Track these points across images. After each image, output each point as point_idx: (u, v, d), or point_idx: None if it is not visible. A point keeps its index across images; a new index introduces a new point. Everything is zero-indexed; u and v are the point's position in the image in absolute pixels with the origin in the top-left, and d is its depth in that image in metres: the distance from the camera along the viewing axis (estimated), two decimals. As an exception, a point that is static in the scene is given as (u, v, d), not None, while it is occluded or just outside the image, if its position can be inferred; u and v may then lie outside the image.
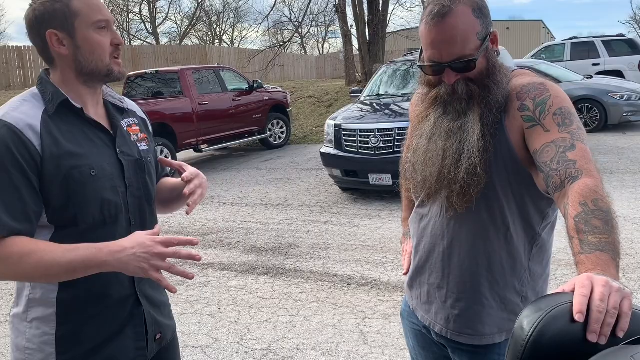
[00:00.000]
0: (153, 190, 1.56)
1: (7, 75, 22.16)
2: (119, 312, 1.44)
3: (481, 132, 1.32)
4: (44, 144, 1.30)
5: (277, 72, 26.83)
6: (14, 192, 1.26)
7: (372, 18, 16.45)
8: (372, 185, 6.60)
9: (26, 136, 1.28)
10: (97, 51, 1.36)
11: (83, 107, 1.40)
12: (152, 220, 1.54)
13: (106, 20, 1.37)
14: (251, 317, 3.87)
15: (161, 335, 1.56)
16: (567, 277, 4.07)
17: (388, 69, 8.48)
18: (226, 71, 11.51)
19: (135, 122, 1.57)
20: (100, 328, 1.40)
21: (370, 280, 4.38)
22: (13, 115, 1.30)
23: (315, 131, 13.29)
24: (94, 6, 1.35)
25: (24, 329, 1.38)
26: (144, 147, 1.55)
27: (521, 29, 37.99)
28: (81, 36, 1.35)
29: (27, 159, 1.27)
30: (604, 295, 0.83)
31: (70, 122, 1.37)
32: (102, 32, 1.36)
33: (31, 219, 1.29)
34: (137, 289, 1.48)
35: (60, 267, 1.23)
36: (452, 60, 1.32)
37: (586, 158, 1.18)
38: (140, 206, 1.49)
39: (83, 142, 1.38)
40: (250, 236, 5.81)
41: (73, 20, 1.33)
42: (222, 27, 46.78)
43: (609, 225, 1.03)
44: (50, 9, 1.32)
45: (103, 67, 1.38)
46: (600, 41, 14.23)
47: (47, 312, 1.35)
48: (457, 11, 1.30)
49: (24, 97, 1.37)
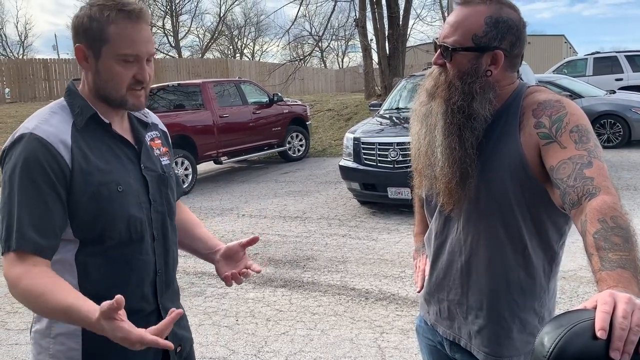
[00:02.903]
0: (174, 204, 1.57)
1: (33, 87, 22.65)
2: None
3: (445, 130, 1.37)
4: (74, 159, 1.30)
5: (297, 86, 26.99)
6: (43, 207, 1.26)
7: (392, 32, 16.48)
8: (391, 198, 6.58)
9: (57, 150, 1.28)
10: (114, 80, 1.34)
11: (111, 122, 1.41)
12: (173, 236, 1.54)
13: (135, 55, 1.33)
14: (268, 329, 3.87)
15: (181, 348, 1.56)
16: (589, 295, 4.00)
17: (408, 83, 8.47)
18: (247, 84, 11.62)
19: (157, 136, 1.58)
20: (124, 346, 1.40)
21: (389, 295, 4.35)
22: (43, 129, 1.30)
23: (334, 144, 13.31)
24: (128, 38, 1.31)
25: (47, 344, 1.37)
26: (166, 161, 1.55)
27: (543, 44, 37.75)
28: (103, 63, 1.33)
29: (57, 172, 1.27)
30: (627, 312, 0.81)
31: (97, 137, 1.38)
32: (126, 65, 1.33)
33: (57, 235, 1.29)
34: (160, 303, 1.48)
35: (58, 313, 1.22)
36: (442, 40, 1.38)
37: (603, 175, 1.17)
38: (163, 222, 1.49)
39: (110, 158, 1.38)
40: (268, 248, 5.82)
41: (101, 45, 1.32)
42: (244, 41, 47.33)
43: (629, 243, 1.02)
44: (87, 24, 1.32)
45: (117, 96, 1.36)
46: (624, 56, 14.07)
47: (72, 328, 1.34)
48: (475, 7, 1.35)
49: (52, 109, 1.37)
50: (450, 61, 1.37)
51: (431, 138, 1.43)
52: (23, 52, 43.61)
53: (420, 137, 1.48)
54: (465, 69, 1.36)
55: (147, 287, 1.44)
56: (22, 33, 46.29)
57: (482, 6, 1.35)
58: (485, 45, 1.34)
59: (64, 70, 23.08)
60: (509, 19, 1.35)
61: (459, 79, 1.37)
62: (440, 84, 1.40)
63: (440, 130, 1.39)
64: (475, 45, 1.34)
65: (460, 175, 1.36)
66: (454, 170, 1.36)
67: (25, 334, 3.98)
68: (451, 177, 1.36)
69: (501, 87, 1.39)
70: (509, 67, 1.39)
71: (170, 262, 1.52)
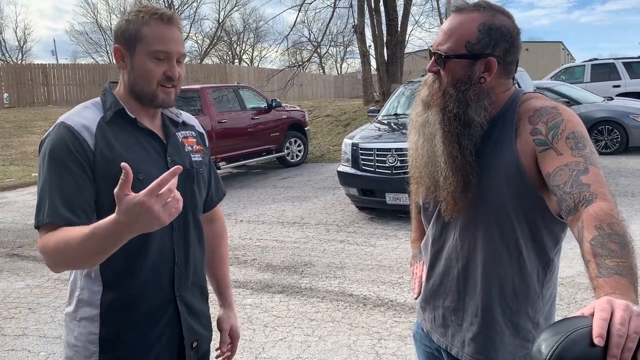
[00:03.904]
0: (200, 200, 1.63)
1: (31, 92, 22.65)
2: (159, 319, 1.50)
3: (445, 138, 1.38)
4: (97, 145, 1.41)
5: (295, 91, 27.02)
6: (73, 185, 1.36)
7: (391, 38, 16.54)
8: (389, 204, 6.58)
9: (82, 136, 1.40)
10: (146, 76, 1.46)
11: (137, 117, 1.50)
12: (196, 231, 1.60)
13: (166, 52, 1.45)
14: (266, 335, 3.86)
15: (198, 344, 1.61)
16: (587, 301, 4.00)
17: (406, 89, 8.50)
18: (245, 90, 11.64)
19: (192, 135, 1.67)
20: (140, 333, 1.47)
21: (387, 301, 4.34)
22: (73, 119, 1.44)
23: (332, 150, 13.32)
24: (160, 37, 1.44)
25: (73, 327, 1.48)
26: (197, 158, 1.63)
27: (541, 51, 37.89)
28: (137, 60, 1.45)
29: (82, 155, 1.39)
30: (625, 319, 0.81)
31: (124, 128, 1.48)
32: (158, 62, 1.45)
33: (87, 212, 1.37)
34: (177, 294, 1.53)
35: (89, 246, 1.22)
36: (435, 48, 1.39)
37: (600, 182, 1.17)
38: (185, 214, 1.53)
39: (134, 148, 1.47)
40: (266, 254, 5.81)
41: (136, 43, 1.45)
42: (242, 47, 47.40)
43: (625, 249, 1.02)
44: (125, 27, 1.46)
45: (149, 91, 1.47)
46: (621, 63, 14.13)
47: (93, 313, 1.45)
48: (469, 14, 1.36)
49: (86, 105, 1.51)
50: (444, 68, 1.38)
51: (430, 147, 1.43)
52: (22, 57, 43.67)
53: (418, 146, 1.48)
54: (458, 76, 1.37)
55: (163, 275, 1.50)
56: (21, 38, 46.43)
57: (475, 13, 1.36)
58: (478, 53, 1.35)
59: (63, 76, 23.08)
60: (502, 26, 1.35)
61: (453, 87, 1.37)
62: (435, 91, 1.41)
63: (440, 140, 1.39)
64: (469, 52, 1.35)
65: (464, 183, 1.36)
66: (458, 178, 1.36)
67: (22, 340, 3.96)
68: (456, 185, 1.36)
69: (496, 94, 1.39)
70: (503, 74, 1.39)
71: (192, 256, 1.57)
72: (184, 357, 1.57)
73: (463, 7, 1.38)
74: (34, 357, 3.73)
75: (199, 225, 1.63)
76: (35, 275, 5.50)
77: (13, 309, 4.61)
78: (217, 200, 1.80)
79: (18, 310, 4.58)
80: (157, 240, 1.46)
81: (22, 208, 9.10)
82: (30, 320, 4.34)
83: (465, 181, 1.36)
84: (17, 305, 4.69)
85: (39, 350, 3.82)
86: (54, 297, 4.82)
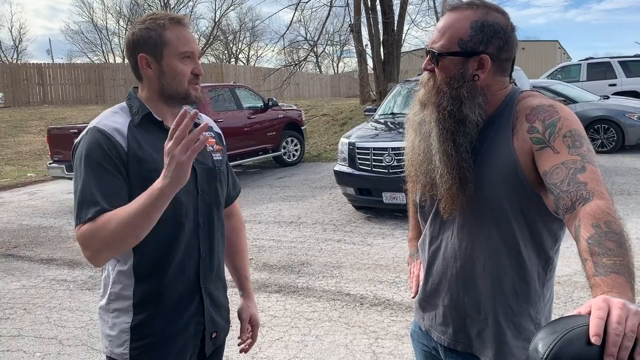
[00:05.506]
0: (222, 197, 1.72)
1: (27, 92, 22.57)
2: (186, 309, 1.59)
3: (440, 136, 1.38)
4: (129, 146, 1.49)
5: (292, 91, 27.02)
6: (108, 181, 1.43)
7: (387, 38, 16.54)
8: (386, 203, 6.58)
9: (115, 138, 1.48)
10: (178, 77, 1.54)
11: (163, 120, 1.58)
12: (219, 225, 1.69)
13: (191, 52, 1.55)
14: (262, 335, 3.85)
15: (216, 335, 1.71)
16: (583, 300, 4.00)
17: (402, 88, 8.50)
18: (242, 89, 11.61)
19: (211, 135, 1.75)
20: (168, 322, 1.56)
21: (383, 300, 4.34)
22: (104, 123, 1.51)
23: (329, 149, 13.32)
24: (183, 38, 1.53)
25: (107, 318, 1.57)
26: (218, 157, 1.72)
27: (537, 49, 37.93)
28: (167, 63, 1.53)
29: (116, 156, 1.46)
30: (621, 317, 0.81)
31: (151, 131, 1.55)
32: (185, 62, 1.54)
33: (126, 201, 1.42)
34: (202, 285, 1.62)
35: (133, 214, 1.33)
36: (430, 46, 1.40)
37: (597, 180, 1.17)
38: (210, 210, 1.64)
39: (161, 149, 1.50)
40: (262, 253, 5.80)
41: (162, 48, 1.52)
42: (239, 46, 47.41)
43: (622, 248, 1.02)
44: (146, 35, 1.52)
45: (182, 91, 1.56)
46: (617, 62, 14.17)
47: (125, 304, 1.54)
48: (462, 12, 1.37)
49: (114, 110, 1.59)
50: (438, 66, 1.38)
51: (426, 145, 1.43)
52: (17, 56, 43.55)
53: (415, 144, 1.49)
54: (452, 73, 1.37)
55: (189, 267, 1.59)
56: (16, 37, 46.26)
57: (468, 11, 1.36)
58: (471, 50, 1.34)
59: (58, 75, 22.99)
60: (495, 23, 1.35)
61: (447, 84, 1.37)
62: (429, 89, 1.41)
63: (435, 137, 1.39)
64: (462, 49, 1.35)
65: (460, 181, 1.36)
66: (454, 175, 1.36)
67: (17, 340, 3.95)
68: (452, 182, 1.36)
69: (492, 92, 1.39)
70: (498, 72, 1.39)
71: (215, 249, 1.67)
72: (204, 347, 1.66)
73: (457, 5, 1.38)
74: (30, 357, 3.72)
75: (222, 220, 1.72)
76: (30, 275, 5.48)
77: (8, 309, 4.60)
78: (234, 196, 1.88)
79: (13, 310, 4.56)
80: (186, 236, 1.56)
81: (17, 208, 9.07)
82: (25, 321, 4.32)
83: (461, 178, 1.36)
84: (12, 305, 4.68)
85: (35, 350, 3.80)
86: (49, 298, 4.81)
